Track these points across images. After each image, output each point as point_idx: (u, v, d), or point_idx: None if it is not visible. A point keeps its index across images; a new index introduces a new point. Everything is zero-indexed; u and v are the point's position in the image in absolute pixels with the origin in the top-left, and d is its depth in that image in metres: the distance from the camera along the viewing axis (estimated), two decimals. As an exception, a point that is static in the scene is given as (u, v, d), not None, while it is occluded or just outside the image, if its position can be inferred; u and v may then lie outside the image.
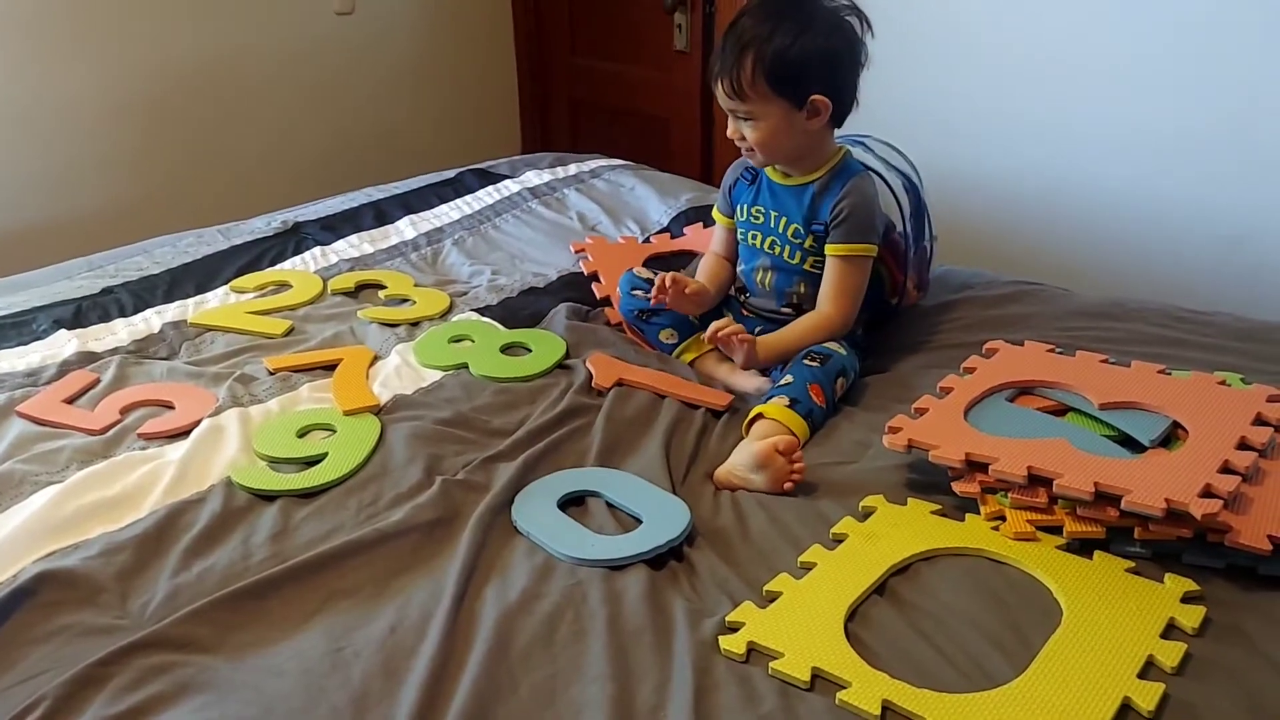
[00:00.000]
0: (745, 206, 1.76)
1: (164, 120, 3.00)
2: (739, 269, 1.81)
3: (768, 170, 1.73)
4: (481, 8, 3.72)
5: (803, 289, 1.72)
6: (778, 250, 1.72)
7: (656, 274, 1.74)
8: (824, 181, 1.68)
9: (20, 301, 1.94)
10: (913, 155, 1.90)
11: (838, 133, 1.74)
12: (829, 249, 1.67)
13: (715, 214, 1.87)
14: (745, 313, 1.80)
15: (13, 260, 2.44)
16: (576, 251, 2.13)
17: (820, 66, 1.60)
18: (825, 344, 1.63)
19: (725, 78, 1.61)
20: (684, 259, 2.10)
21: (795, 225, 1.69)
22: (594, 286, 1.97)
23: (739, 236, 1.79)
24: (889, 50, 2.77)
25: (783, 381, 1.56)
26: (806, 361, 1.58)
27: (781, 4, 1.62)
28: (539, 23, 3.75)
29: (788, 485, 1.36)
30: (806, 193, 1.69)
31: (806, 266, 1.71)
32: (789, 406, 1.50)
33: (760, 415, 1.50)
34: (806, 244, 1.69)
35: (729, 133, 1.68)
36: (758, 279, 1.76)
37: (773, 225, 1.72)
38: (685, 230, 2.23)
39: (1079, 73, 2.47)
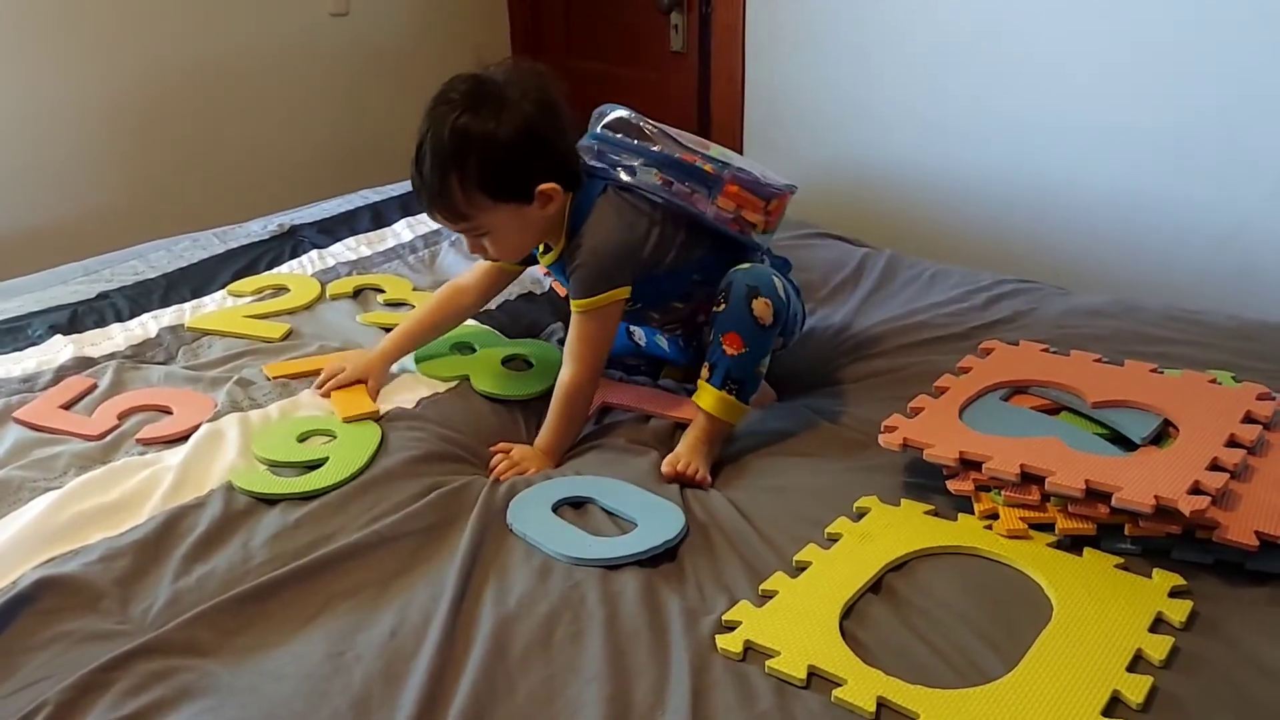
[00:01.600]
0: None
1: (159, 123, 3.00)
2: None
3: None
4: (477, 9, 3.72)
5: (656, 316, 1.66)
6: None
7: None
8: (570, 249, 1.54)
9: (15, 307, 1.94)
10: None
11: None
12: (571, 305, 1.54)
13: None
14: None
15: (7, 265, 2.44)
16: (545, 274, 2.04)
17: (531, 152, 1.45)
18: (728, 275, 1.51)
19: (438, 209, 1.47)
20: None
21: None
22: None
23: None
24: (882, 51, 2.79)
25: (710, 342, 1.51)
26: (716, 310, 1.50)
27: (459, 101, 1.44)
28: (535, 24, 3.75)
29: (705, 488, 1.41)
30: (563, 265, 1.57)
31: (628, 309, 1.60)
32: (709, 380, 1.48)
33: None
34: None
35: (469, 249, 1.57)
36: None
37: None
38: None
39: (1071, 72, 2.48)
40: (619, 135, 1.63)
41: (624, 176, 1.57)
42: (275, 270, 2.13)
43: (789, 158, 3.06)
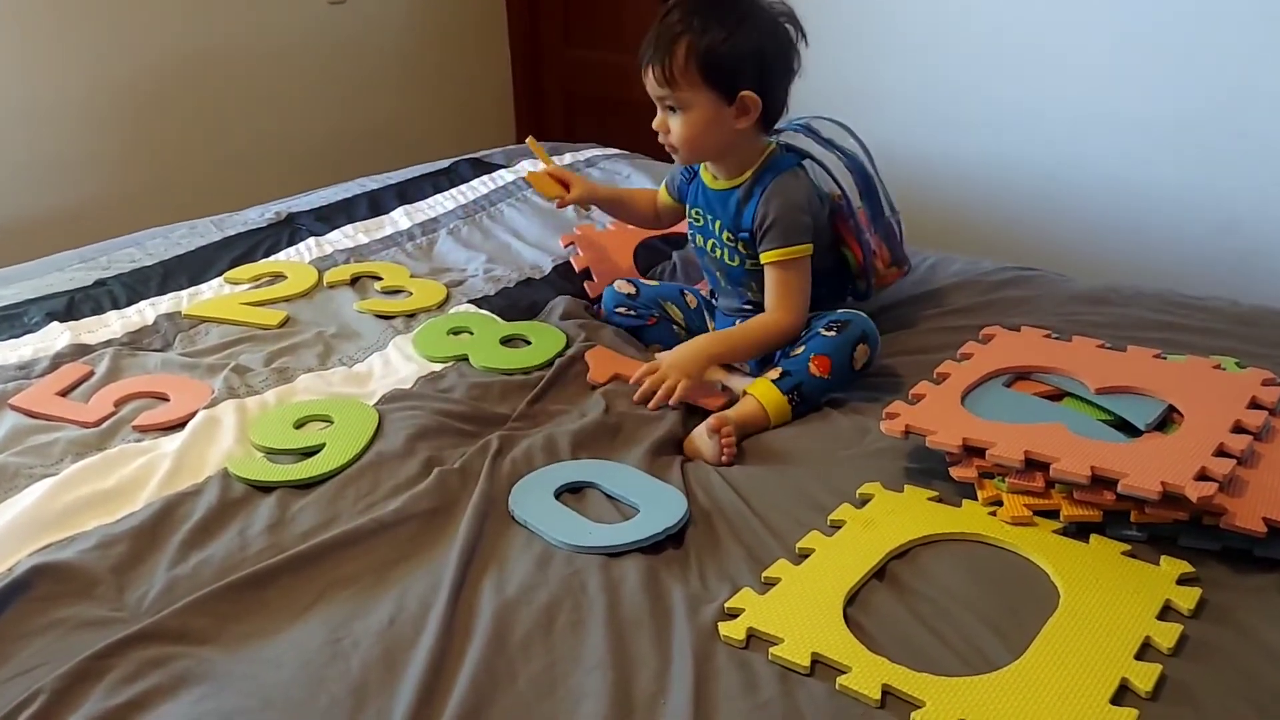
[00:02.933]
0: (690, 207, 1.75)
1: (156, 111, 2.99)
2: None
3: (702, 172, 1.71)
4: (474, -3, 3.71)
5: (754, 286, 1.69)
6: (718, 253, 1.70)
7: (638, 289, 1.81)
8: (748, 187, 1.63)
9: (11, 294, 1.94)
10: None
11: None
12: (763, 257, 1.62)
13: (663, 190, 1.86)
14: (720, 312, 1.79)
15: (4, 252, 2.43)
16: (566, 245, 2.12)
17: (753, 63, 1.56)
18: (849, 312, 1.61)
19: (656, 64, 1.57)
20: (678, 242, 2.09)
21: (727, 231, 1.66)
22: (586, 285, 1.96)
23: (689, 236, 1.78)
24: (882, 39, 2.78)
25: (793, 352, 1.57)
26: (823, 331, 1.57)
27: (717, 1, 1.58)
28: (533, 12, 3.74)
29: (724, 458, 1.42)
30: (732, 198, 1.65)
31: (747, 267, 1.67)
32: (776, 381, 1.53)
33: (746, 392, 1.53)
34: (740, 247, 1.66)
35: (655, 124, 1.64)
36: (716, 277, 1.75)
37: (709, 228, 1.70)
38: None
39: (1073, 60, 2.47)
40: (827, 132, 1.78)
41: (824, 165, 1.71)
42: (272, 258, 2.12)
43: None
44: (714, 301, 1.81)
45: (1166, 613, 1.09)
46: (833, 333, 1.57)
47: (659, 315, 1.82)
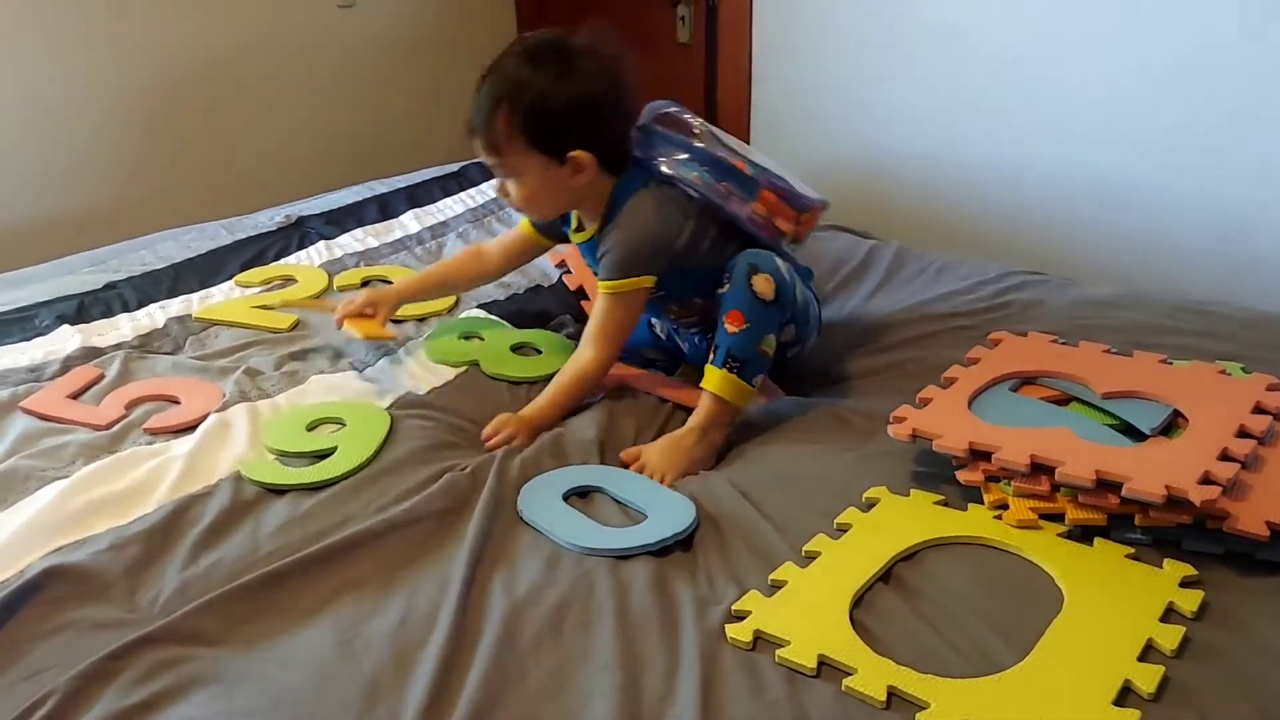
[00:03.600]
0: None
1: (166, 114, 3.01)
2: None
3: (572, 220, 1.66)
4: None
5: (672, 307, 1.67)
6: None
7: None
8: (601, 230, 1.58)
9: (23, 297, 1.95)
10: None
11: None
12: (599, 286, 1.57)
13: (526, 225, 1.76)
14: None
15: (15, 255, 2.44)
16: (556, 265, 2.08)
17: (579, 119, 1.50)
18: (726, 270, 1.53)
19: (480, 136, 1.52)
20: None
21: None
22: (583, 304, 1.94)
23: None
24: (890, 43, 2.79)
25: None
26: (719, 289, 1.53)
27: (537, 51, 1.52)
28: (541, 14, 3.75)
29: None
30: (594, 245, 1.61)
31: (651, 300, 1.62)
32: (712, 362, 1.50)
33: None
34: None
35: (496, 190, 1.62)
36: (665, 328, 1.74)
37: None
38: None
39: (1081, 65, 2.47)
40: (666, 129, 1.64)
41: (665, 170, 1.59)
42: (283, 261, 2.13)
43: (795, 149, 3.06)
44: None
45: (1169, 615, 1.10)
46: (725, 286, 1.52)
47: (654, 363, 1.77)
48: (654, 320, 1.79)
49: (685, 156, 1.60)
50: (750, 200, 1.61)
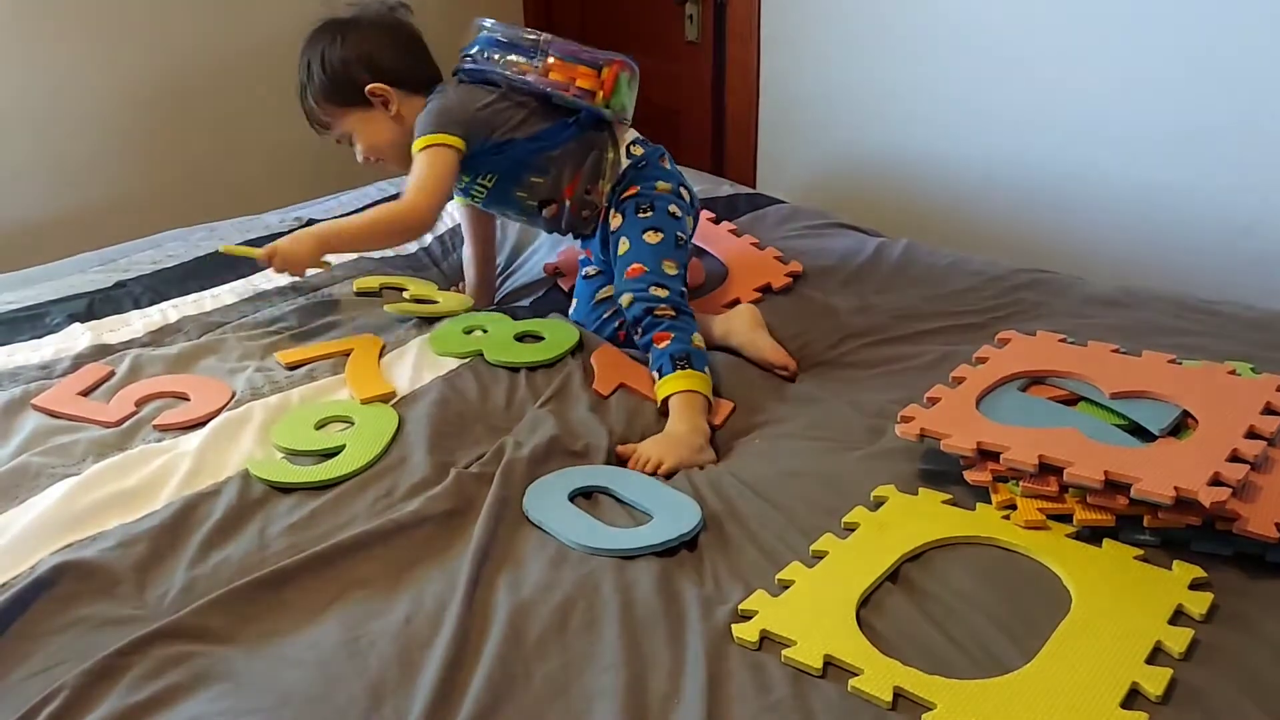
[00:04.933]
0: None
1: (176, 114, 3.01)
2: None
3: None
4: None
5: (521, 193, 1.82)
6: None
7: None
8: None
9: (33, 295, 1.95)
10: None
11: None
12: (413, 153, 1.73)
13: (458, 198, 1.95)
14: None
15: (25, 254, 2.45)
16: (550, 273, 2.09)
17: (357, 62, 1.75)
18: (624, 303, 1.69)
19: (310, 121, 1.81)
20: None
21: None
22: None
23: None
24: (898, 40, 2.78)
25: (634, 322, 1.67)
26: (635, 335, 1.67)
27: (310, 37, 1.81)
28: (549, 13, 3.75)
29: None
30: None
31: (478, 196, 1.84)
32: (660, 379, 1.58)
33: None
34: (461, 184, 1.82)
35: (360, 160, 1.84)
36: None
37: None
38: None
39: (1089, 62, 2.46)
40: (470, 41, 1.85)
41: (465, 66, 1.81)
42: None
43: (804, 147, 3.05)
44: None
45: (1178, 617, 1.09)
46: (639, 334, 1.66)
47: (620, 325, 1.80)
48: (586, 248, 1.91)
49: (477, 49, 1.82)
50: (537, 63, 1.78)
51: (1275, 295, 2.18)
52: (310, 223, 2.29)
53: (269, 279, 2.02)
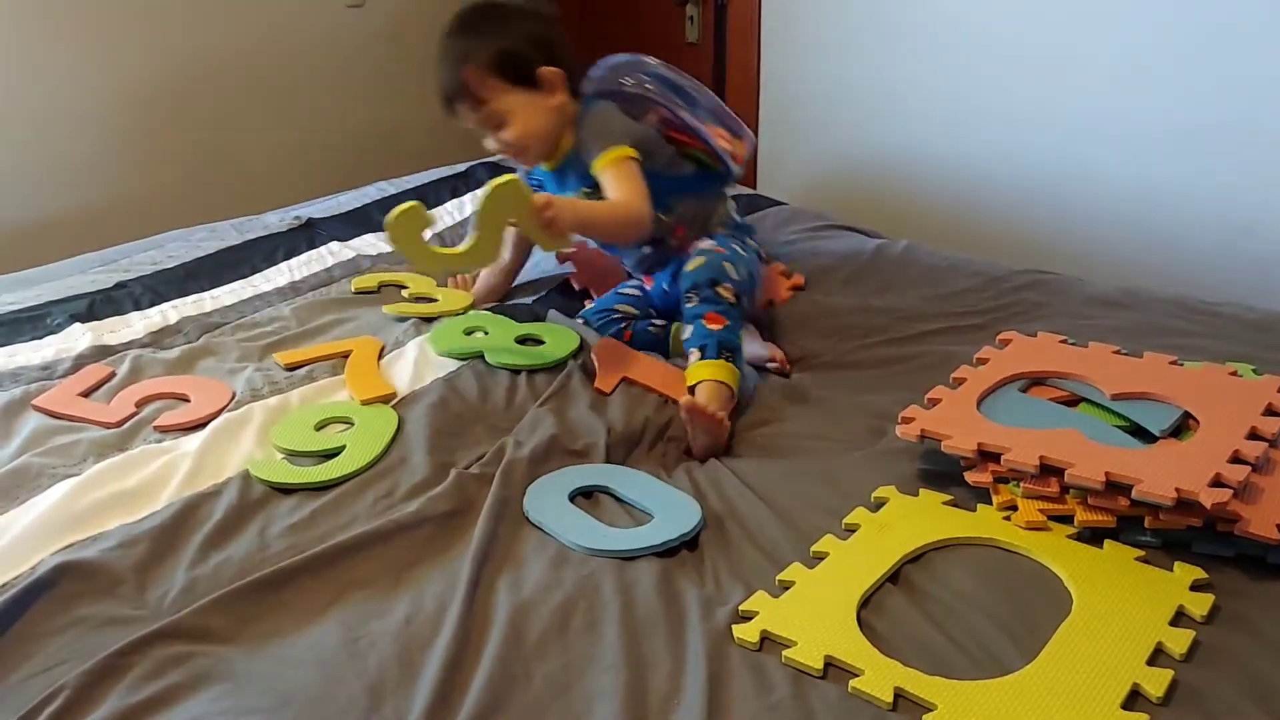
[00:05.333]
0: None
1: (175, 114, 3.01)
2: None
3: (542, 166, 1.82)
4: (492, 0, 3.72)
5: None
6: None
7: (587, 320, 1.82)
8: (574, 143, 1.76)
9: (34, 296, 1.96)
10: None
11: None
12: (594, 169, 1.71)
13: None
14: (637, 270, 1.92)
15: (25, 254, 2.45)
16: (562, 262, 2.10)
17: (533, 45, 1.70)
18: (693, 266, 1.68)
19: (460, 99, 1.70)
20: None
21: (584, 188, 1.76)
22: (587, 304, 1.94)
23: None
24: (897, 41, 2.78)
25: (685, 335, 1.64)
26: (688, 303, 1.65)
27: (472, 16, 1.73)
28: (549, 14, 3.75)
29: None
30: (571, 162, 1.77)
31: None
32: (704, 357, 1.58)
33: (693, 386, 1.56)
34: (596, 193, 1.74)
35: (494, 150, 1.77)
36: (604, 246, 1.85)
37: None
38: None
39: (1089, 62, 2.47)
40: (619, 63, 1.83)
41: (626, 87, 1.79)
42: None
43: (804, 148, 3.05)
44: (629, 269, 1.93)
45: (1179, 619, 1.09)
46: (694, 301, 1.64)
47: (626, 325, 1.80)
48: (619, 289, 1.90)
49: (641, 77, 1.81)
50: (701, 120, 1.81)
51: (1275, 295, 2.18)
52: (310, 222, 2.30)
53: (268, 280, 2.02)
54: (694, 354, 1.59)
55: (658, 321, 1.80)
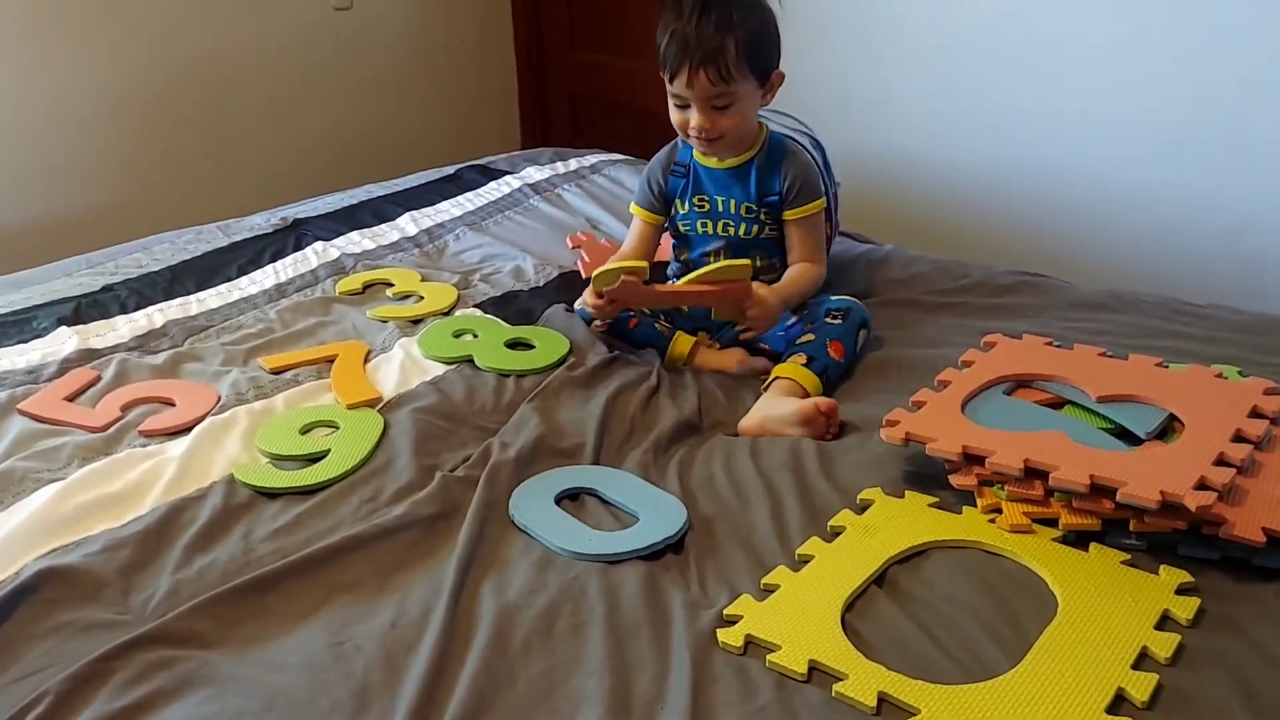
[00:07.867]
0: (685, 200, 1.81)
1: (162, 116, 3.01)
2: (686, 257, 1.86)
3: (700, 160, 1.79)
4: (479, 1, 3.72)
5: (759, 261, 1.77)
6: (732, 230, 1.78)
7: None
8: (764, 157, 1.76)
9: (20, 299, 1.95)
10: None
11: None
12: (793, 214, 1.75)
13: (636, 209, 1.88)
14: None
15: (11, 258, 2.44)
16: (573, 246, 2.12)
17: (774, 43, 1.69)
18: (844, 299, 1.71)
19: (710, 66, 1.61)
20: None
21: (746, 203, 1.76)
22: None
23: (684, 228, 1.83)
24: (888, 44, 2.79)
25: (802, 340, 1.65)
26: (829, 320, 1.67)
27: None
28: (538, 16, 3.75)
29: (828, 436, 1.49)
30: (750, 170, 1.75)
31: (764, 235, 1.78)
32: (805, 365, 1.59)
33: (779, 376, 1.59)
34: (761, 216, 1.77)
35: (695, 125, 1.67)
36: (711, 262, 1.77)
37: (721, 209, 1.79)
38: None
39: (1077, 64, 2.47)
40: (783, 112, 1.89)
41: (807, 133, 1.87)
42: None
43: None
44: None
45: (1165, 622, 1.09)
46: (838, 321, 1.67)
47: (637, 314, 1.78)
48: None
49: (806, 139, 1.88)
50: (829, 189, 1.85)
51: (1263, 298, 2.19)
52: (296, 222, 2.30)
53: (254, 282, 2.02)
54: (799, 357, 1.61)
55: (664, 320, 1.79)
